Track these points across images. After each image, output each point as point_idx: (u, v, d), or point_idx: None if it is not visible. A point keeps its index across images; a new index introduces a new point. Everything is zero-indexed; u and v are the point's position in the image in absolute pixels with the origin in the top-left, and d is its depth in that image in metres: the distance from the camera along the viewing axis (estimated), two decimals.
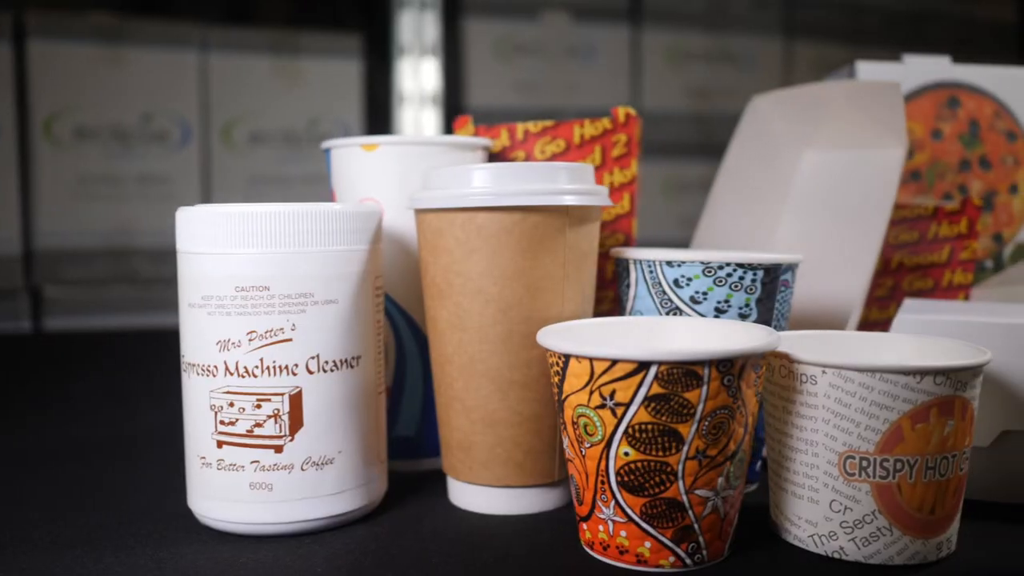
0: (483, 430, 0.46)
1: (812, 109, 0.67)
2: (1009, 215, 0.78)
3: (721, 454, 0.39)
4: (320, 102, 1.48)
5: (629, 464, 0.39)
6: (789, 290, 0.50)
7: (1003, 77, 0.79)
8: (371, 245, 0.46)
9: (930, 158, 0.77)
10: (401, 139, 0.52)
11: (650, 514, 0.39)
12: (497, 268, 0.45)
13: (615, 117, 0.58)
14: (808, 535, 0.42)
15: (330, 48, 1.49)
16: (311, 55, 1.47)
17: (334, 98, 1.50)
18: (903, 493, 0.39)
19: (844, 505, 0.40)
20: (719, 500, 0.39)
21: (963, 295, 0.65)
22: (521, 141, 0.59)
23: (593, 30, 1.70)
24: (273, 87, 1.45)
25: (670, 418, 0.38)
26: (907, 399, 0.39)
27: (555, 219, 0.45)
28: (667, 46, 1.74)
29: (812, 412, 0.41)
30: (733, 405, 0.38)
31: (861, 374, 0.39)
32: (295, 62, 1.46)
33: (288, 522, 0.44)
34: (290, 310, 0.43)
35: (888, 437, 0.39)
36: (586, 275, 0.47)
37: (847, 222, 0.64)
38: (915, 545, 0.40)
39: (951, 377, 0.39)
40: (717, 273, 0.47)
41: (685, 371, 0.37)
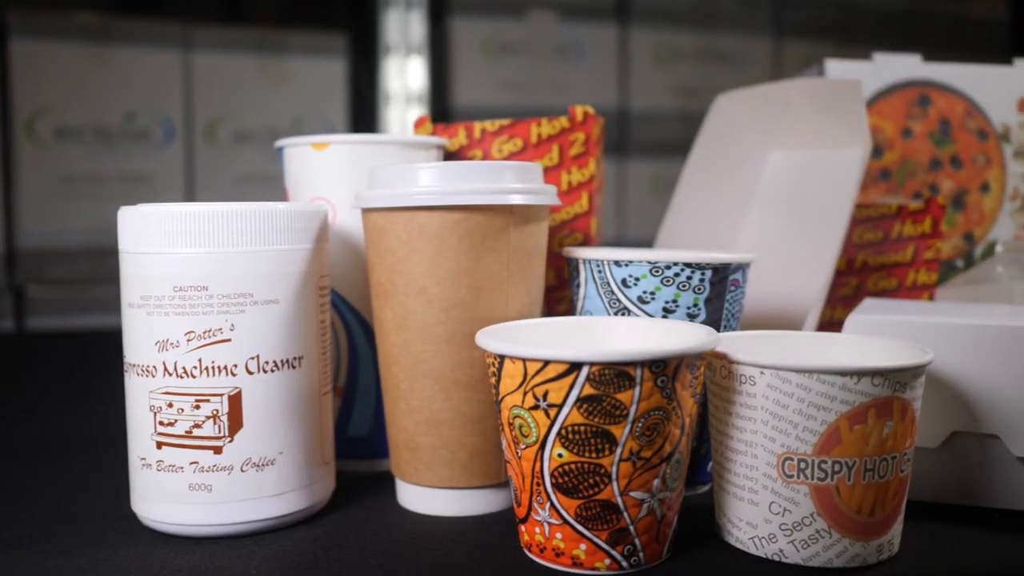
0: (427, 431, 0.46)
1: (776, 108, 0.67)
2: (980, 214, 0.78)
3: (656, 456, 0.38)
4: (305, 101, 1.48)
5: (563, 466, 0.38)
6: (740, 290, 0.49)
7: (974, 75, 0.78)
8: (315, 245, 0.46)
9: (900, 157, 0.76)
10: (351, 138, 0.52)
11: (585, 516, 0.39)
12: (439, 268, 0.44)
13: (573, 116, 0.58)
14: (749, 537, 0.41)
15: (315, 47, 1.48)
16: (296, 54, 1.47)
17: (319, 97, 1.49)
18: (841, 495, 0.39)
19: (783, 507, 0.40)
20: (655, 502, 0.39)
21: (927, 295, 0.65)
22: (478, 140, 0.59)
23: (580, 29, 1.69)
24: (257, 86, 1.45)
25: (603, 419, 0.37)
26: (844, 400, 0.38)
27: (498, 218, 0.45)
28: (655, 45, 1.74)
29: (751, 413, 0.40)
30: (668, 406, 0.38)
31: (798, 375, 0.39)
32: (280, 61, 1.46)
33: (228, 523, 0.43)
34: (229, 310, 0.43)
35: (826, 438, 0.39)
36: (532, 275, 0.47)
37: (809, 222, 0.63)
38: (854, 548, 0.40)
39: (889, 378, 0.39)
40: (664, 273, 0.47)
41: (617, 372, 0.37)
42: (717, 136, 0.68)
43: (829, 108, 0.63)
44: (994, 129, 0.78)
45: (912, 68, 0.77)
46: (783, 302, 0.62)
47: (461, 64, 1.61)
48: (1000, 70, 0.79)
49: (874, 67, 0.77)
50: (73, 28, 1.34)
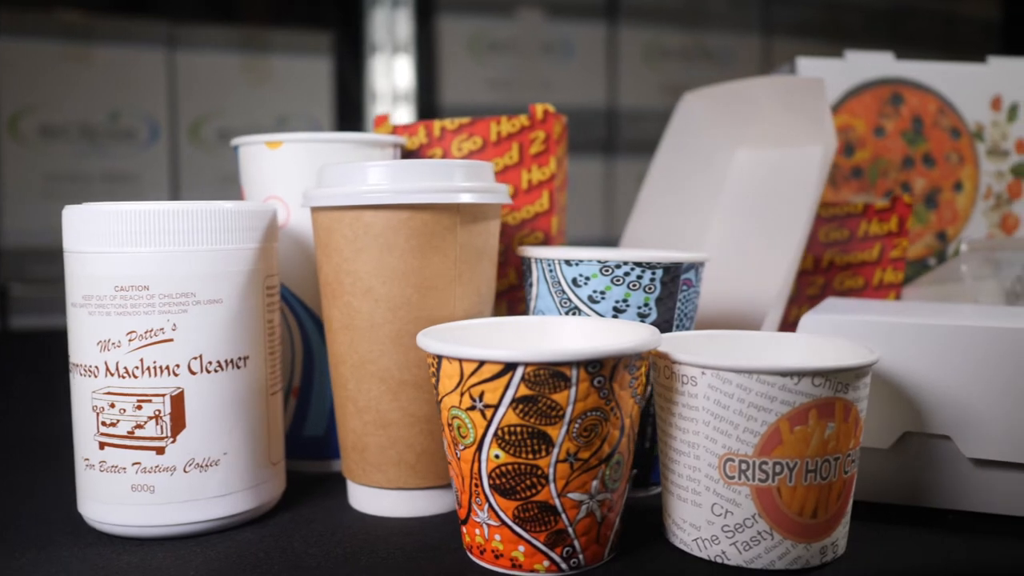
0: (375, 431, 0.46)
1: (742, 107, 0.66)
2: (953, 213, 0.78)
3: (595, 457, 0.38)
4: (290, 100, 1.48)
5: (500, 467, 0.38)
6: (693, 290, 0.49)
7: (947, 73, 0.78)
8: (261, 244, 0.45)
9: (872, 155, 0.76)
10: (304, 136, 0.52)
11: (522, 518, 0.38)
12: (385, 267, 0.44)
13: (533, 114, 0.57)
14: (692, 539, 0.41)
15: (300, 46, 1.48)
16: (281, 53, 1.46)
17: (304, 96, 1.49)
18: (783, 496, 0.39)
19: (725, 509, 0.39)
20: (594, 504, 0.39)
21: (894, 294, 0.64)
22: (438, 138, 0.58)
23: (569, 27, 1.69)
24: (242, 85, 1.45)
25: (538, 420, 0.37)
26: (784, 401, 0.38)
27: (444, 217, 0.44)
28: (644, 43, 1.73)
29: (693, 414, 0.40)
30: (606, 407, 0.38)
31: (738, 375, 0.38)
32: (264, 60, 1.46)
33: (171, 525, 0.43)
34: (171, 310, 0.42)
35: (766, 439, 0.38)
36: (481, 274, 0.47)
37: (772, 221, 0.63)
38: (797, 549, 0.39)
39: (830, 379, 0.38)
40: (614, 272, 0.47)
41: (552, 373, 0.36)
42: (683, 135, 0.68)
43: (793, 106, 0.63)
44: (967, 127, 0.78)
45: (884, 66, 0.77)
46: (745, 302, 0.61)
47: (448, 62, 1.61)
48: (973, 68, 0.78)
49: (845, 65, 0.76)
50: (57, 27, 1.34)
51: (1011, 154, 0.78)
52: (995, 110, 0.78)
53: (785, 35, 1.83)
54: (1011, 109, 0.78)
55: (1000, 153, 0.78)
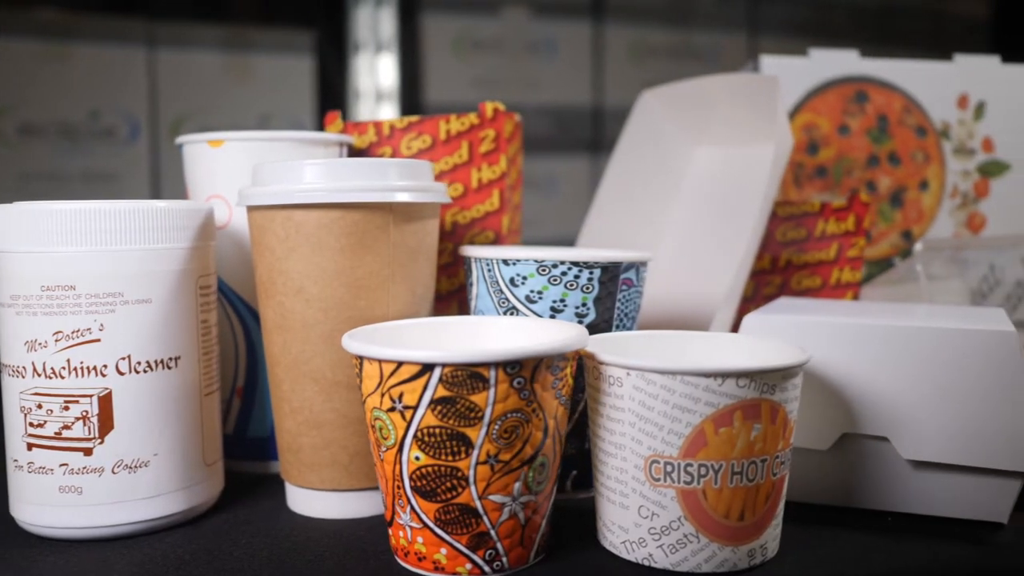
0: (308, 432, 0.45)
1: (700, 105, 0.66)
2: (919, 212, 0.77)
3: (516, 459, 0.38)
4: (272, 99, 1.48)
5: (421, 469, 0.37)
6: (634, 289, 0.48)
7: (913, 71, 0.77)
8: (194, 243, 0.45)
9: (837, 154, 0.76)
10: (247, 135, 0.51)
11: (444, 520, 0.38)
12: (317, 267, 0.44)
13: (482, 112, 0.57)
14: (621, 541, 0.40)
15: (282, 44, 1.48)
16: (262, 51, 1.46)
17: (286, 95, 1.49)
18: (708, 499, 0.38)
19: (651, 511, 0.39)
20: (517, 506, 0.38)
21: (852, 293, 0.64)
22: (387, 137, 0.58)
23: (554, 25, 1.68)
24: (223, 84, 1.44)
25: (457, 422, 0.37)
26: (708, 402, 0.38)
27: (377, 216, 0.44)
28: (629, 41, 1.73)
29: (619, 415, 0.39)
30: (527, 409, 0.37)
31: (662, 376, 0.38)
32: (246, 58, 1.45)
33: (100, 526, 0.43)
34: (98, 310, 0.42)
35: (691, 441, 0.38)
36: (416, 274, 0.46)
37: (725, 221, 0.62)
38: (723, 552, 0.39)
39: (755, 380, 0.38)
40: (551, 272, 0.46)
41: (470, 373, 0.36)
42: (641, 133, 0.68)
43: (749, 105, 0.62)
44: (933, 126, 0.77)
45: (849, 64, 0.76)
46: (697, 302, 0.61)
47: (433, 61, 1.61)
48: (939, 66, 0.78)
49: (809, 63, 0.76)
50: (36, 25, 1.33)
51: (977, 153, 0.78)
52: (961, 108, 0.78)
53: (772, 33, 1.83)
54: (977, 107, 0.78)
55: (966, 152, 0.78)
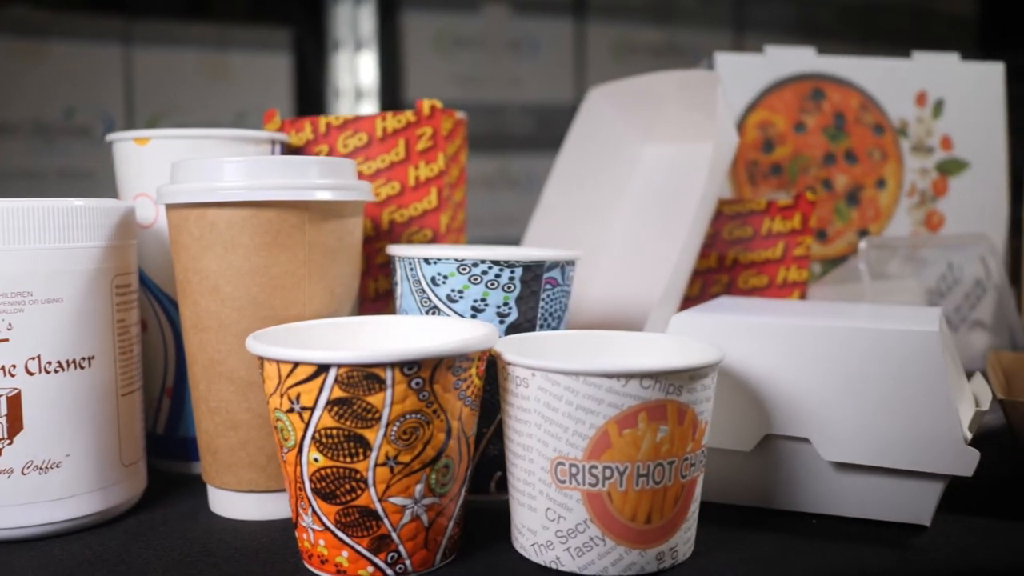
0: (225, 432, 0.45)
1: (648, 102, 0.65)
2: (876, 210, 0.76)
3: (417, 461, 0.37)
4: (248, 97, 1.47)
5: (320, 471, 0.37)
6: (560, 288, 0.48)
7: (870, 68, 0.77)
8: (110, 242, 0.44)
9: (793, 152, 0.75)
10: (174, 133, 0.51)
11: (344, 523, 0.37)
12: (230, 266, 0.43)
13: (419, 110, 0.57)
14: (530, 544, 0.40)
15: (259, 42, 1.47)
16: (239, 49, 1.46)
17: (263, 93, 1.48)
18: (614, 501, 0.38)
19: (558, 513, 0.38)
20: (420, 508, 0.38)
21: (799, 292, 0.63)
22: (324, 135, 0.57)
23: (536, 23, 1.68)
24: (200, 82, 1.44)
25: (354, 423, 0.36)
26: (612, 403, 0.37)
27: (291, 215, 0.43)
28: (612, 39, 1.72)
29: (526, 416, 0.39)
30: (427, 410, 0.37)
31: (566, 377, 0.37)
32: (222, 56, 1.45)
33: (9, 528, 0.42)
34: (6, 309, 0.42)
35: (595, 443, 0.37)
36: (336, 273, 0.46)
37: (667, 220, 0.62)
38: (631, 556, 0.38)
39: (660, 380, 0.37)
40: (472, 271, 0.46)
41: (365, 374, 0.36)
42: (589, 131, 0.67)
43: (694, 102, 0.62)
44: (891, 123, 0.77)
45: (805, 61, 0.76)
46: (638, 302, 0.60)
47: (413, 59, 1.60)
48: (897, 63, 0.77)
49: (766, 60, 0.75)
50: (10, 23, 1.33)
51: (936, 150, 0.77)
52: (920, 106, 0.77)
53: (756, 31, 1.82)
54: (936, 105, 0.77)
55: (925, 150, 0.77)
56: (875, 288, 0.70)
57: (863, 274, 0.59)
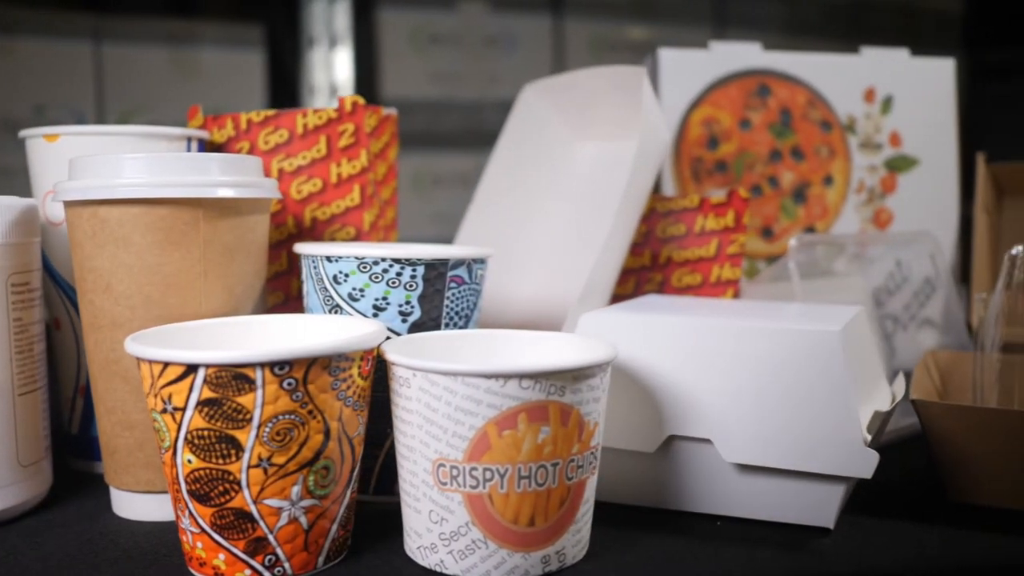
0: (122, 433, 0.44)
1: (580, 99, 0.64)
2: (823, 208, 0.76)
3: (293, 462, 0.36)
4: (220, 94, 1.46)
5: (194, 472, 0.36)
6: (467, 287, 0.47)
7: (818, 64, 0.76)
8: (6, 240, 0.44)
9: (738, 149, 0.74)
10: (83, 129, 0.50)
11: (220, 525, 0.37)
12: (123, 264, 0.43)
13: (341, 106, 0.56)
14: (417, 546, 0.39)
15: (231, 39, 1.47)
16: (211, 46, 1.45)
17: (235, 90, 1.47)
18: (495, 504, 0.37)
19: (441, 516, 0.38)
20: (298, 511, 0.37)
21: (732, 290, 0.62)
22: (245, 131, 0.57)
23: (513, 19, 1.67)
24: (170, 78, 1.44)
25: (225, 424, 0.35)
26: (491, 404, 0.36)
27: (184, 212, 0.43)
28: (591, 36, 1.71)
29: (409, 417, 0.38)
30: (302, 411, 0.36)
31: (445, 377, 0.37)
32: (194, 53, 1.44)
33: None
34: None
35: (475, 444, 0.37)
36: (235, 271, 0.45)
37: (594, 218, 0.61)
38: (514, 559, 0.38)
39: (540, 381, 0.37)
40: (372, 269, 0.45)
41: (234, 375, 0.35)
42: (523, 128, 0.66)
43: (623, 98, 0.61)
44: (838, 120, 0.76)
45: (751, 57, 0.75)
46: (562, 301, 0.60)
47: (389, 55, 1.59)
48: (845, 59, 0.76)
49: (710, 55, 0.74)
50: None
51: (885, 147, 0.76)
52: (868, 102, 0.76)
53: (739, 28, 1.81)
54: (885, 101, 0.76)
55: (873, 146, 0.76)
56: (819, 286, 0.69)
57: (792, 273, 0.59)
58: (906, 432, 0.59)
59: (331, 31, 1.59)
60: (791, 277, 0.59)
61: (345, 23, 1.60)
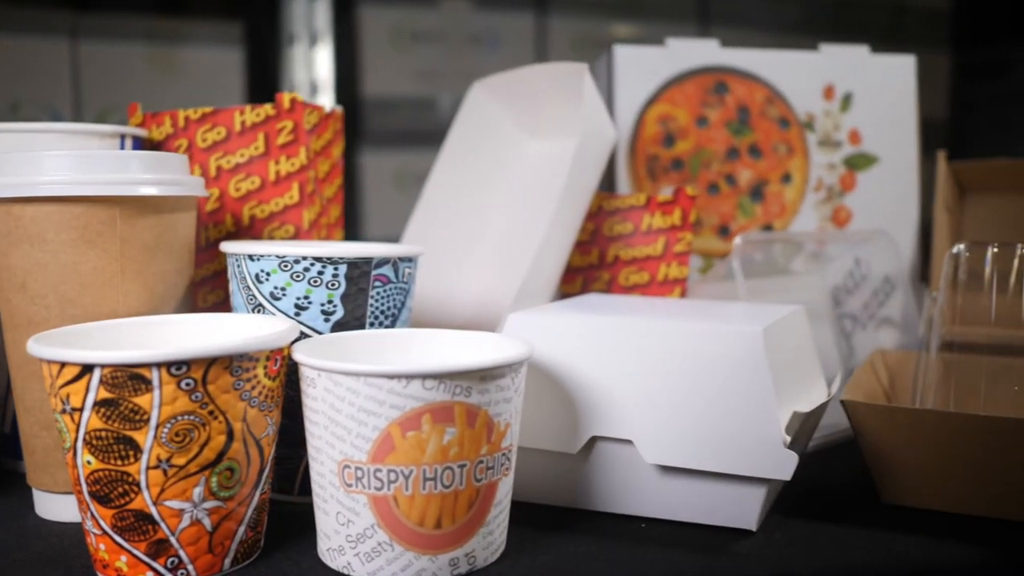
0: (40, 432, 0.44)
1: (528, 95, 0.64)
2: (781, 206, 0.75)
3: (194, 463, 0.36)
4: (199, 92, 1.46)
5: (93, 473, 0.36)
6: (393, 286, 0.47)
7: (776, 61, 0.75)
8: None
9: (695, 146, 0.74)
10: (8, 127, 0.50)
11: (120, 527, 0.36)
12: (37, 263, 0.42)
13: (279, 103, 0.55)
14: (326, 548, 0.39)
15: (209, 36, 1.46)
16: (189, 43, 1.45)
17: (214, 88, 1.47)
18: (400, 506, 0.37)
19: (347, 518, 0.37)
20: (201, 512, 0.37)
21: (679, 289, 0.62)
22: (183, 129, 0.56)
23: (496, 17, 1.66)
24: (149, 76, 1.43)
25: (123, 425, 0.35)
26: (394, 405, 0.36)
27: (100, 210, 0.42)
28: (575, 33, 1.71)
29: (316, 417, 0.38)
30: (202, 411, 0.36)
31: (347, 377, 0.36)
32: (172, 50, 1.44)
33: None
34: None
35: (378, 445, 0.36)
36: (156, 270, 0.44)
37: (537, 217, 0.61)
38: (420, 562, 0.37)
39: (444, 382, 0.36)
40: (294, 268, 0.44)
41: (130, 375, 0.35)
42: (472, 125, 0.66)
43: (568, 94, 0.60)
44: (797, 117, 0.75)
45: (708, 54, 0.74)
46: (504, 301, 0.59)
47: (370, 53, 1.59)
48: (804, 56, 0.76)
49: (667, 52, 0.74)
50: None
51: (844, 145, 0.76)
52: (827, 99, 0.76)
53: (722, 26, 1.80)
54: (844, 98, 0.76)
55: (832, 144, 0.76)
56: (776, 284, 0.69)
57: (736, 272, 0.58)
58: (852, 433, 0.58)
59: (312, 28, 1.58)
60: (735, 276, 0.58)
61: (326, 20, 1.59)
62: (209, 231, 0.56)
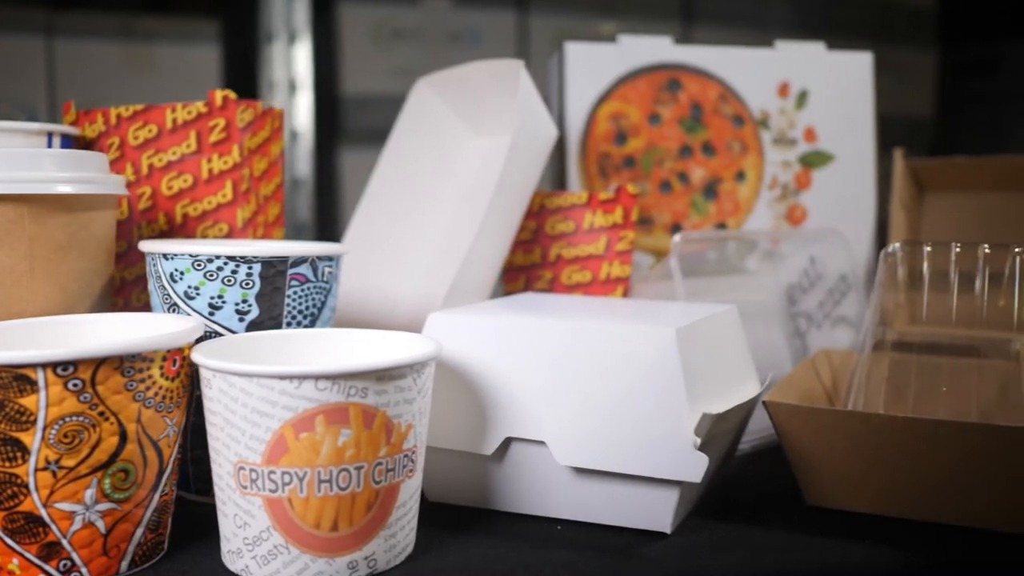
0: None
1: (472, 93, 0.63)
2: (735, 204, 0.74)
3: (84, 465, 0.36)
4: (175, 90, 1.45)
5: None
6: (311, 285, 0.46)
7: (730, 58, 0.74)
8: None
9: (647, 144, 0.73)
10: None
11: (11, 529, 0.36)
12: None
13: (211, 100, 0.55)
14: (227, 551, 0.38)
15: (186, 34, 1.46)
16: (164, 41, 1.44)
17: (190, 86, 1.46)
18: (295, 508, 0.36)
19: (244, 520, 0.37)
20: (94, 514, 0.36)
21: (622, 288, 0.61)
22: (115, 126, 0.56)
23: (477, 14, 1.66)
24: (125, 74, 1.43)
25: (9, 426, 0.35)
26: (286, 406, 0.35)
27: (7, 209, 0.42)
28: (556, 31, 1.70)
29: (213, 418, 0.37)
30: (91, 412, 0.35)
31: (240, 378, 0.36)
32: (147, 48, 1.44)
33: None
34: None
35: (272, 447, 0.36)
36: (69, 269, 0.44)
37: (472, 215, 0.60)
38: (318, 564, 0.37)
39: (337, 383, 0.36)
40: (207, 267, 0.44)
41: (15, 375, 0.34)
42: (416, 123, 0.65)
43: (507, 91, 0.60)
44: (751, 115, 0.75)
45: (661, 51, 0.74)
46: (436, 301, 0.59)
47: (350, 51, 1.58)
48: (759, 53, 0.75)
49: (619, 49, 0.73)
50: None
51: (799, 143, 0.75)
52: (782, 97, 0.75)
53: (705, 24, 1.79)
54: (799, 96, 0.75)
55: (787, 142, 0.75)
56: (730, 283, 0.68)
57: (674, 271, 0.58)
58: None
59: (291, 25, 1.58)
60: (672, 275, 0.58)
61: (305, 17, 1.59)
62: (142, 229, 0.56)
